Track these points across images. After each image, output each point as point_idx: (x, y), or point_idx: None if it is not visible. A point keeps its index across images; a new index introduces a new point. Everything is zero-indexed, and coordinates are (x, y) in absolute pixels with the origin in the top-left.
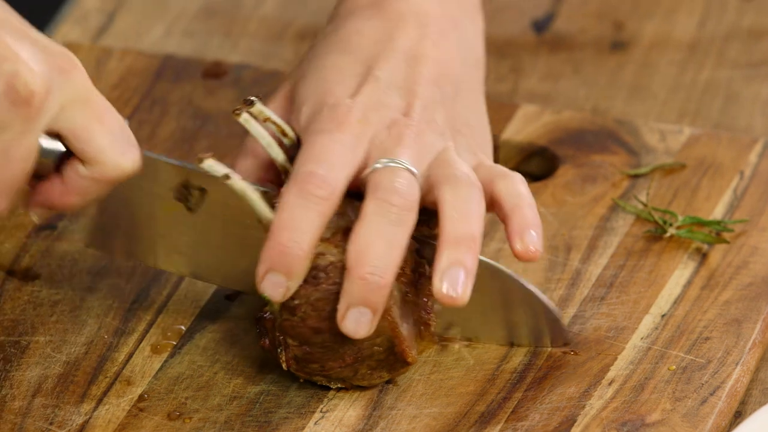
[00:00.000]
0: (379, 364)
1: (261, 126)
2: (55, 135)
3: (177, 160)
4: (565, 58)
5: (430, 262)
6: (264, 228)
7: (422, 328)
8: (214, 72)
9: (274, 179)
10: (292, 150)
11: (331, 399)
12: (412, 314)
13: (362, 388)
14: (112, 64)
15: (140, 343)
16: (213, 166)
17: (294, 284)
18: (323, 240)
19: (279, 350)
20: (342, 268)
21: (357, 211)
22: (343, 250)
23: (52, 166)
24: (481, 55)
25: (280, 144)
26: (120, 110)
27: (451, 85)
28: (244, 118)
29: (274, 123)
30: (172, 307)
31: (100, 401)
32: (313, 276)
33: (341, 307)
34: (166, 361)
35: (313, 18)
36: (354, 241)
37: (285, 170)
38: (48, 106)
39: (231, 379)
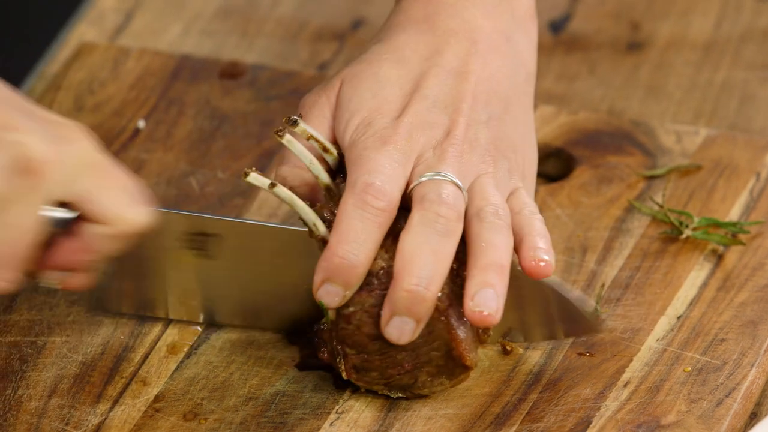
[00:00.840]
0: (439, 369)
1: (302, 144)
2: (65, 203)
3: (187, 211)
4: (581, 59)
5: None
6: (313, 236)
7: (480, 331)
8: (231, 72)
9: (308, 196)
10: (334, 166)
11: (347, 400)
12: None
13: (422, 397)
14: (129, 64)
15: (156, 343)
16: (258, 178)
17: (350, 293)
18: None
19: (338, 360)
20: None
21: (406, 219)
22: (393, 257)
23: (62, 232)
24: (532, 69)
25: (321, 160)
26: (137, 110)
27: (499, 103)
28: (287, 140)
29: (317, 140)
30: None
31: (116, 402)
32: (366, 282)
33: (385, 313)
34: (182, 362)
35: (330, 18)
36: (401, 252)
37: (327, 187)
38: (54, 175)
39: (247, 380)
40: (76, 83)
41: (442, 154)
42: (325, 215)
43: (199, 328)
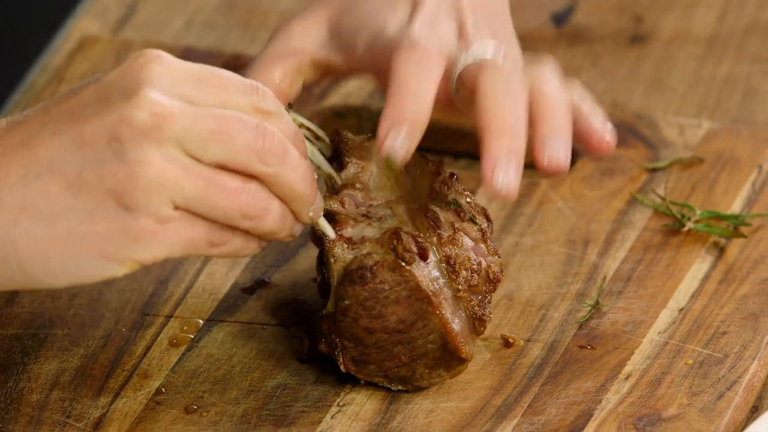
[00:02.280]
0: (436, 362)
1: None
2: None
3: None
4: (584, 52)
5: (486, 261)
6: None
7: (476, 323)
8: (234, 65)
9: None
10: (328, 154)
11: (348, 393)
12: (466, 310)
13: (421, 389)
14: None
15: (158, 336)
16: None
17: (415, 142)
18: (371, 240)
19: (336, 353)
20: (388, 268)
21: (402, 211)
22: (389, 251)
23: None
24: None
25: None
26: None
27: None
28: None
29: (308, 129)
30: (190, 301)
31: (117, 394)
32: (360, 276)
33: (487, 168)
34: (183, 355)
35: None
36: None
37: (330, 177)
38: None
39: (248, 372)
40: (78, 76)
41: (465, 40)
42: (333, 205)
43: (200, 321)
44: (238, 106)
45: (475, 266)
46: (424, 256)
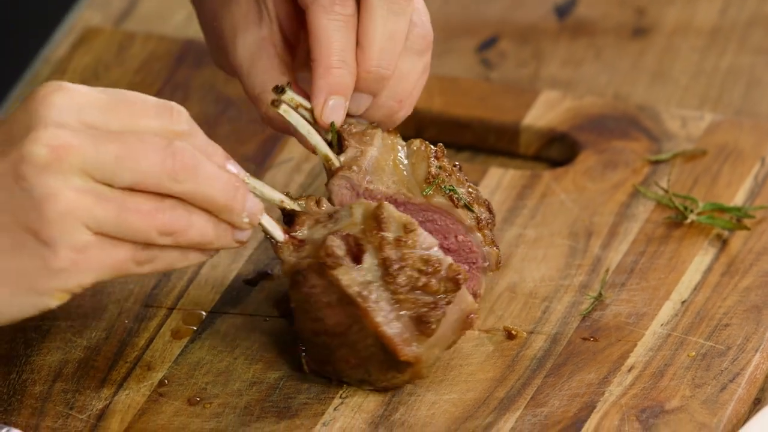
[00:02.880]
0: (384, 364)
1: (298, 116)
2: None
3: None
4: (587, 44)
5: (440, 260)
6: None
7: (421, 326)
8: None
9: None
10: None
11: (351, 385)
12: (410, 311)
13: (388, 389)
14: (135, 48)
15: (161, 328)
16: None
17: (348, 103)
18: (312, 243)
19: (301, 355)
20: (316, 272)
21: (361, 212)
22: (320, 255)
23: None
24: None
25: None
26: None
27: None
28: (284, 110)
29: (306, 109)
30: (193, 293)
31: (120, 386)
32: (295, 280)
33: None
34: (186, 347)
35: None
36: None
37: (326, 158)
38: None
39: (251, 364)
40: (81, 68)
41: None
42: (302, 205)
43: (203, 313)
44: (149, 129)
45: (427, 268)
46: (357, 259)
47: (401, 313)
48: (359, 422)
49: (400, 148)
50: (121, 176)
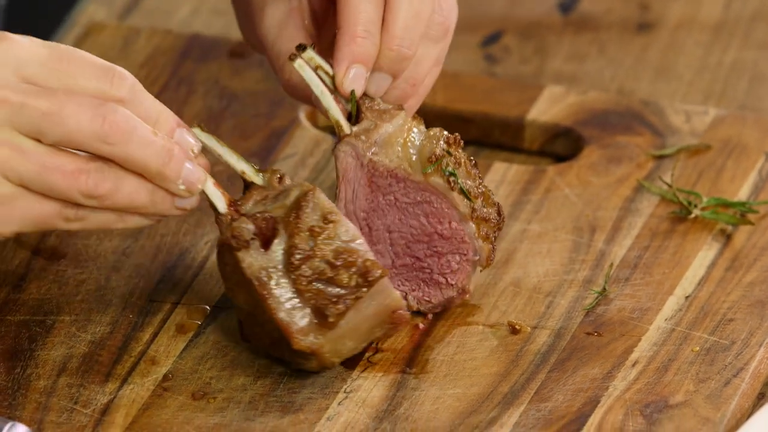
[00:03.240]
0: (291, 350)
1: (315, 75)
2: None
3: None
4: (591, 39)
5: (357, 252)
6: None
7: (321, 318)
8: (240, 52)
9: None
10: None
11: (355, 380)
12: (310, 302)
13: (317, 372)
14: (140, 43)
15: (165, 322)
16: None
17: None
18: (239, 221)
19: (239, 321)
20: (228, 250)
21: (296, 194)
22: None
23: None
24: None
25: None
26: (147, 89)
27: None
28: (299, 64)
29: (326, 72)
30: (197, 287)
31: (124, 381)
32: (218, 252)
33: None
34: (190, 341)
35: None
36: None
37: (337, 123)
38: None
39: (255, 359)
40: None
41: None
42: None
43: (207, 308)
44: (87, 89)
45: (336, 261)
46: (267, 243)
47: (301, 303)
48: (363, 417)
49: (416, 131)
50: (47, 133)
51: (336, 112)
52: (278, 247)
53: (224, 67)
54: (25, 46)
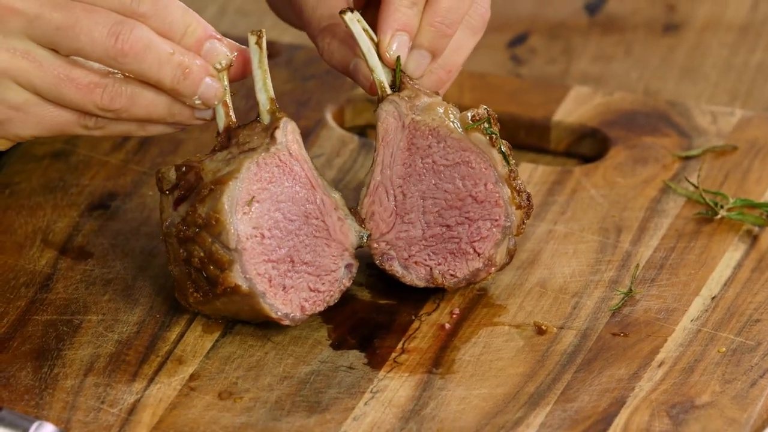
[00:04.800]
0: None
1: (364, 32)
2: None
3: None
4: (617, 40)
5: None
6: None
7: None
8: (267, 52)
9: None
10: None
11: (381, 380)
12: (185, 275)
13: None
14: None
15: (192, 322)
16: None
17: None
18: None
19: None
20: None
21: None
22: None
23: None
24: None
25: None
26: None
27: None
28: (350, 18)
29: (371, 38)
30: None
31: (151, 380)
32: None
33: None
34: (217, 341)
35: None
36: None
37: (380, 83)
38: None
39: (281, 359)
40: None
41: None
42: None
43: None
44: (107, 4)
45: (205, 258)
46: (177, 203)
47: (182, 269)
48: (390, 417)
49: (456, 110)
50: (63, 46)
51: (381, 71)
52: (182, 209)
53: None
54: None
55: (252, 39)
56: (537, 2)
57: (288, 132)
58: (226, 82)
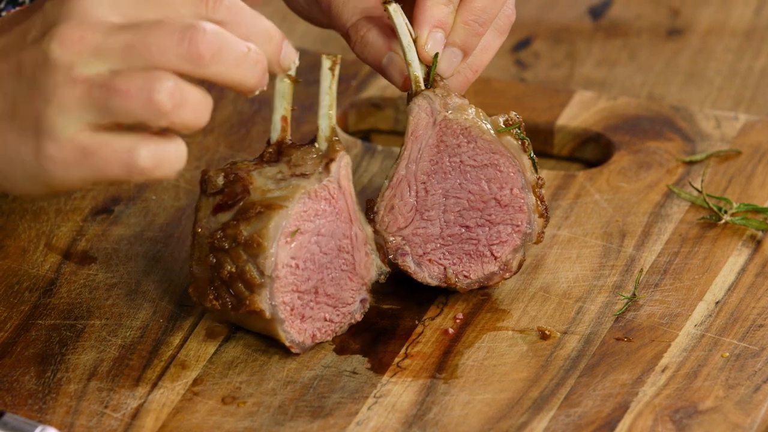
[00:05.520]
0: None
1: (405, 24)
2: None
3: None
4: (621, 45)
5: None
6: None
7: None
8: None
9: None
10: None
11: (385, 384)
12: (207, 278)
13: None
14: None
15: (195, 327)
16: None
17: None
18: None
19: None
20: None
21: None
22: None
23: None
24: None
25: None
26: None
27: None
28: (393, 8)
29: (409, 31)
30: None
31: (154, 385)
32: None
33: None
34: (220, 346)
35: None
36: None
37: (416, 78)
38: None
39: (285, 363)
40: None
41: None
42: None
43: None
44: (180, 14)
45: (237, 274)
46: (222, 206)
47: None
48: (393, 422)
49: (485, 114)
50: (133, 64)
51: (418, 65)
52: (221, 218)
53: None
54: None
55: (326, 63)
56: (541, 6)
57: (342, 166)
58: (290, 97)
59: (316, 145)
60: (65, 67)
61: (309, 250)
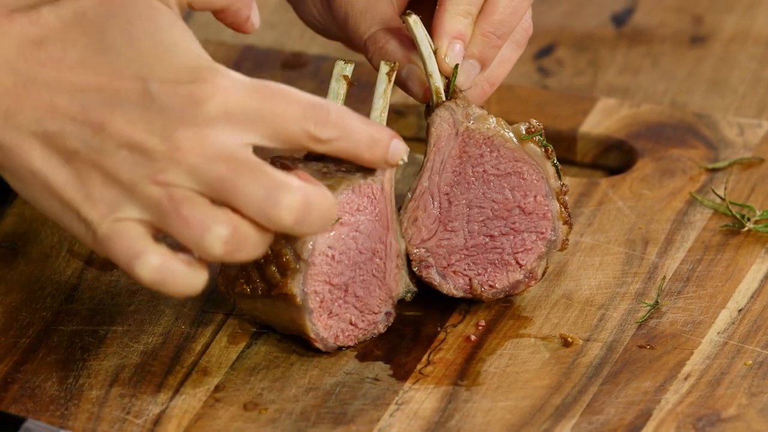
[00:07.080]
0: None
1: (425, 35)
2: None
3: None
4: (644, 52)
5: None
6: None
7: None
8: (294, 63)
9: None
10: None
11: (407, 391)
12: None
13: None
14: None
15: (217, 333)
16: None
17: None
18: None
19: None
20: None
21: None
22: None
23: None
24: None
25: None
26: None
27: None
28: (414, 20)
29: (430, 43)
30: None
31: (176, 391)
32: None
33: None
34: (242, 352)
35: None
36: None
37: (437, 90)
38: None
39: (307, 370)
40: None
41: None
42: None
43: None
44: (290, 131)
45: (270, 256)
46: None
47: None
48: (415, 429)
49: (506, 123)
50: (214, 196)
51: (438, 77)
52: None
53: (277, 78)
54: (229, 83)
55: (384, 68)
56: (564, 14)
57: (387, 170)
58: (344, 98)
59: None
60: (157, 165)
61: (346, 244)
